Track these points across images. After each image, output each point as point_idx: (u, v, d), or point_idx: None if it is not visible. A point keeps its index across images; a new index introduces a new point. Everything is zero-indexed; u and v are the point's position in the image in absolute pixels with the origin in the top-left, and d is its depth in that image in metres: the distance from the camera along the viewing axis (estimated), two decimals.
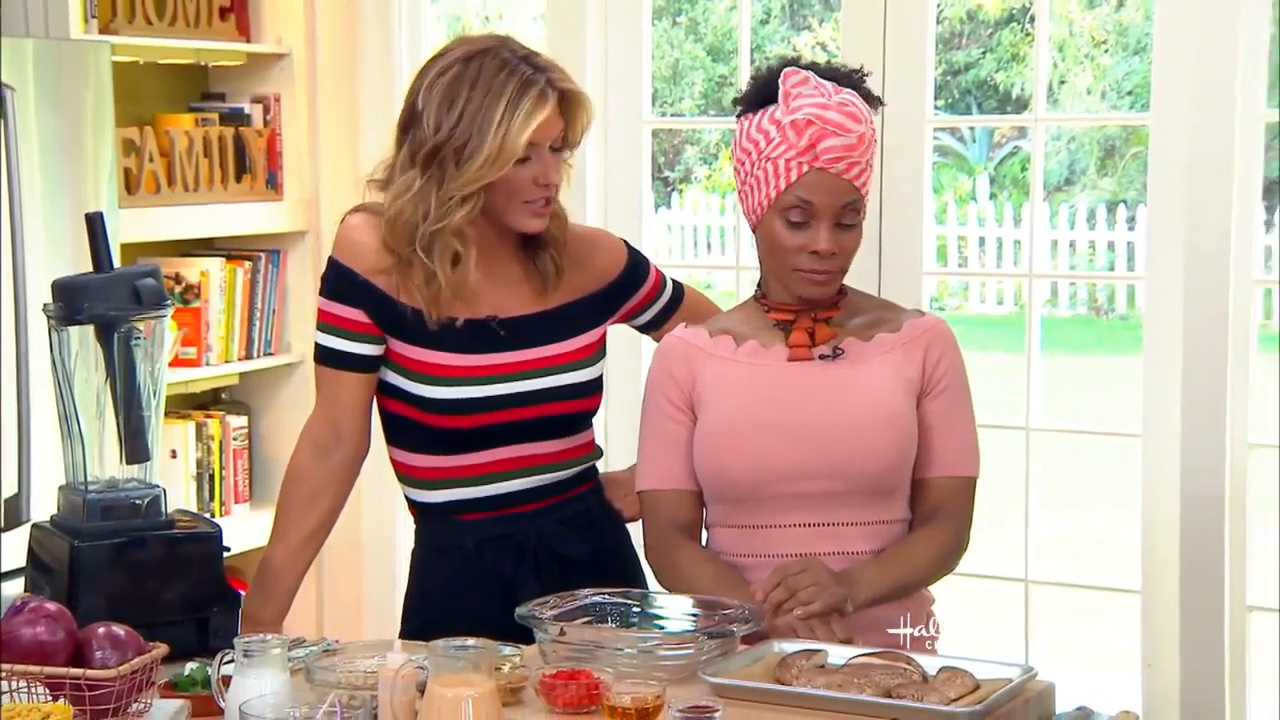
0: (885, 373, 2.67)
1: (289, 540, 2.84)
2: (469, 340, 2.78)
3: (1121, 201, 13.55)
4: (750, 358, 2.70)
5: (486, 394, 2.77)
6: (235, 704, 2.23)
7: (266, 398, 4.84)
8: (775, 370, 2.68)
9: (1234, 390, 3.90)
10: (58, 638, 2.31)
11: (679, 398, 2.72)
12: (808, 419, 2.63)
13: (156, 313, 2.67)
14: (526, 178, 2.71)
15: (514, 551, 2.82)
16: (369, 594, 4.72)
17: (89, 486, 2.66)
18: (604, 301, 2.92)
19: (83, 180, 3.89)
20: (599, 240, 2.98)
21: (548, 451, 2.84)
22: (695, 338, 2.76)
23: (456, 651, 2.15)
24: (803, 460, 2.62)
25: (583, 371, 2.85)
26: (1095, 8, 14.53)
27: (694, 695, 2.21)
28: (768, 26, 14.79)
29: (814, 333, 2.69)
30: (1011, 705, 2.22)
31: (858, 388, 2.66)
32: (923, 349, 2.70)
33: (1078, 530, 7.92)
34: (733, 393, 2.68)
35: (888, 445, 2.63)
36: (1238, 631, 3.96)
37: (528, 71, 2.70)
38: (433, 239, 2.71)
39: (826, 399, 2.65)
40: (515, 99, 2.67)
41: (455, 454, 2.80)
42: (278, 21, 4.71)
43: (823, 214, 2.62)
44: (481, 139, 2.67)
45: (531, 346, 2.81)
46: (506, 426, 2.79)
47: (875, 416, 2.64)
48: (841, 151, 2.60)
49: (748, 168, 2.67)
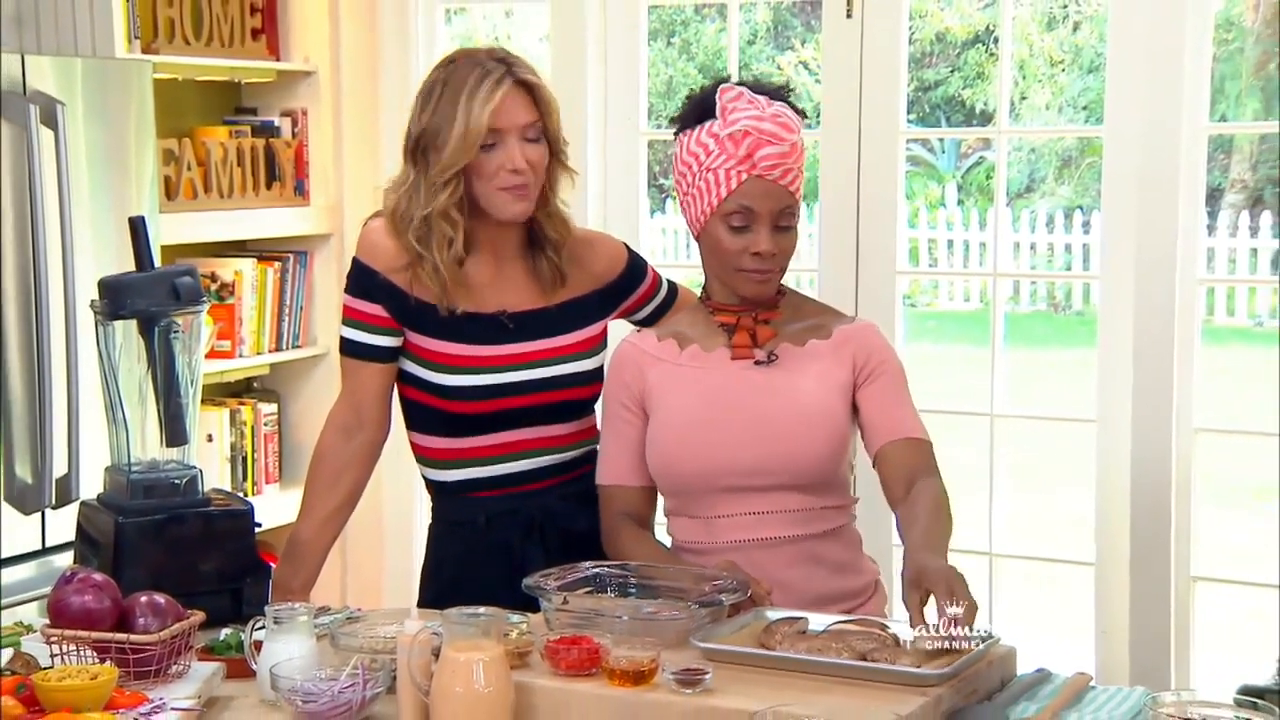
0: (816, 376, 2.65)
1: (315, 516, 2.84)
2: (480, 332, 2.78)
3: (1078, 207, 13.53)
4: (693, 361, 2.70)
5: (496, 381, 2.77)
6: (266, 666, 2.23)
7: (295, 386, 4.84)
8: (716, 373, 2.68)
9: (1180, 380, 3.91)
10: (104, 605, 2.31)
11: (630, 400, 2.72)
12: (745, 420, 2.63)
13: (194, 309, 2.67)
14: (495, 163, 2.70)
15: (522, 526, 2.82)
16: (389, 566, 4.72)
17: (132, 468, 2.66)
18: (605, 298, 2.92)
19: (126, 187, 3.88)
20: (601, 243, 2.98)
21: (553, 434, 2.84)
22: (644, 343, 2.76)
23: (468, 619, 2.15)
24: (741, 458, 2.61)
25: (584, 362, 2.85)
26: (1053, 30, 14.51)
27: (686, 659, 2.21)
28: (754, 47, 14.76)
29: (755, 334, 2.69)
30: (976, 668, 2.22)
31: (791, 390, 2.64)
32: (850, 352, 2.67)
33: (1037, 508, 7.91)
34: (678, 395, 2.68)
35: (817, 442, 2.62)
36: (1183, 600, 3.96)
37: (490, 65, 2.72)
38: (426, 227, 2.72)
39: (762, 401, 2.64)
40: (474, 87, 2.69)
41: (468, 436, 2.80)
42: (305, 42, 4.70)
43: (762, 218, 2.61)
44: (450, 126, 2.69)
45: (537, 338, 2.81)
46: (515, 411, 2.79)
47: (806, 417, 2.62)
48: (777, 159, 2.60)
49: (689, 180, 2.65)
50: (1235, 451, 7.61)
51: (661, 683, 2.16)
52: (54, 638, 2.29)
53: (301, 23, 4.70)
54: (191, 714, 2.18)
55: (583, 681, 2.18)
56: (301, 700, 2.16)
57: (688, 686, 2.13)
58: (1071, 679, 2.28)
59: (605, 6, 4.46)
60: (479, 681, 2.09)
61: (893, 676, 2.16)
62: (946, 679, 2.15)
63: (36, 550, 3.66)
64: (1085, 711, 2.17)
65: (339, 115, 4.71)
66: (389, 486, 4.46)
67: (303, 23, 4.70)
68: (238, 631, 2.41)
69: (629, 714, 2.13)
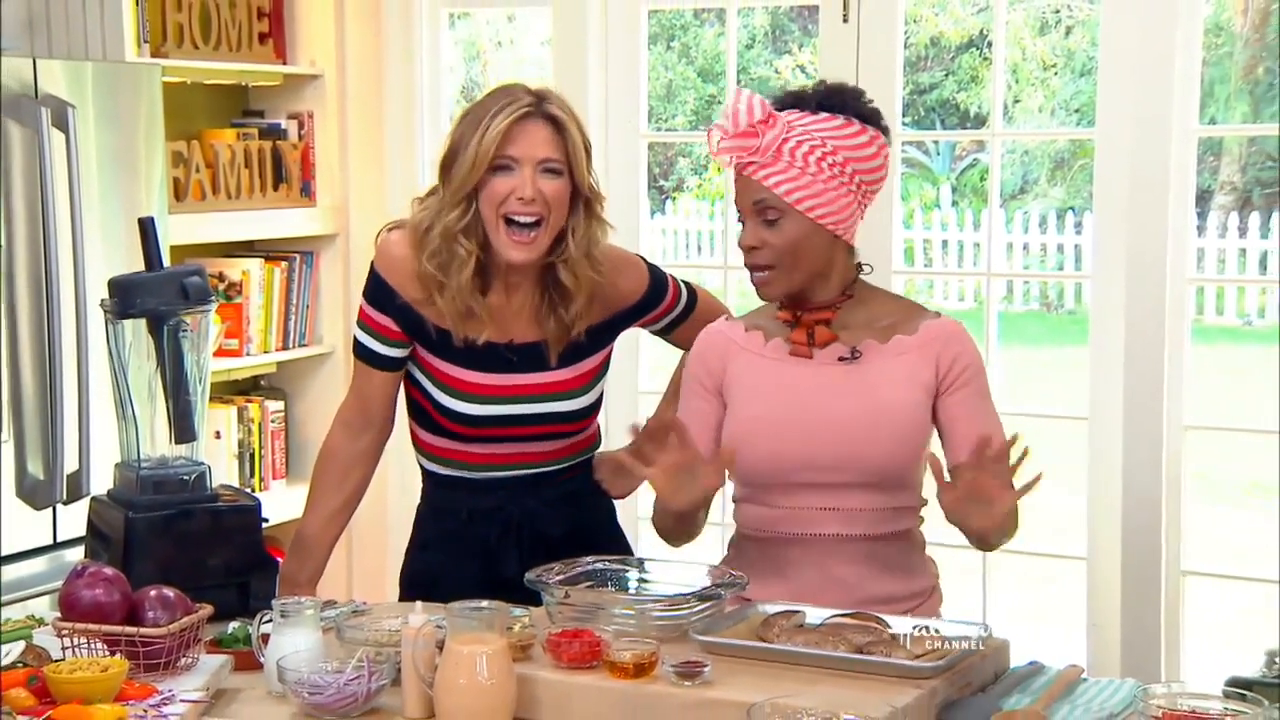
0: (900, 374, 2.58)
1: (322, 512, 2.84)
2: (482, 359, 2.74)
3: (1070, 208, 13.53)
4: (776, 354, 2.64)
5: (491, 412, 2.75)
6: (273, 659, 2.23)
7: (301, 384, 4.84)
8: (798, 367, 2.61)
9: (1170, 378, 3.90)
10: (114, 599, 2.31)
11: (710, 383, 2.66)
12: (824, 417, 2.56)
13: (202, 308, 2.67)
14: (506, 187, 2.65)
15: (500, 525, 2.81)
16: (394, 561, 4.69)
17: (142, 464, 2.67)
18: (622, 320, 2.87)
19: (136, 188, 3.88)
20: (623, 265, 2.85)
21: (543, 450, 2.82)
22: (732, 331, 2.69)
23: (472, 613, 2.15)
24: (815, 453, 2.55)
25: (571, 401, 2.79)
26: (1046, 34, 14.51)
27: (685, 652, 2.21)
28: (752, 51, 14.76)
29: (813, 332, 2.62)
30: (970, 661, 2.22)
31: (873, 387, 2.57)
32: (936, 351, 2.59)
33: (1030, 504, 7.90)
34: (759, 386, 2.62)
35: (894, 443, 2.56)
36: (1173, 595, 3.96)
37: (522, 95, 2.69)
38: (440, 244, 2.69)
39: (842, 398, 2.57)
40: (497, 111, 2.66)
41: (463, 444, 2.80)
42: (311, 46, 4.70)
43: (746, 213, 2.58)
44: (467, 144, 2.66)
45: (537, 371, 2.76)
46: (506, 435, 2.78)
47: (885, 417, 2.56)
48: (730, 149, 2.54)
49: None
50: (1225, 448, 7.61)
51: (661, 675, 2.16)
52: (65, 631, 2.29)
53: (307, 27, 4.70)
54: (200, 705, 2.18)
55: (584, 674, 2.18)
56: (308, 692, 2.16)
57: (687, 679, 2.13)
58: (1064, 671, 2.28)
59: (606, 11, 4.46)
60: (482, 673, 2.09)
61: (888, 669, 2.16)
62: (941, 672, 2.15)
63: (48, 545, 3.66)
64: (1077, 703, 2.17)
65: (344, 118, 4.71)
66: (394, 482, 4.46)
67: (309, 27, 4.70)
68: (245, 625, 2.41)
69: (629, 706, 2.13)
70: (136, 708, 2.13)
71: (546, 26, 4.69)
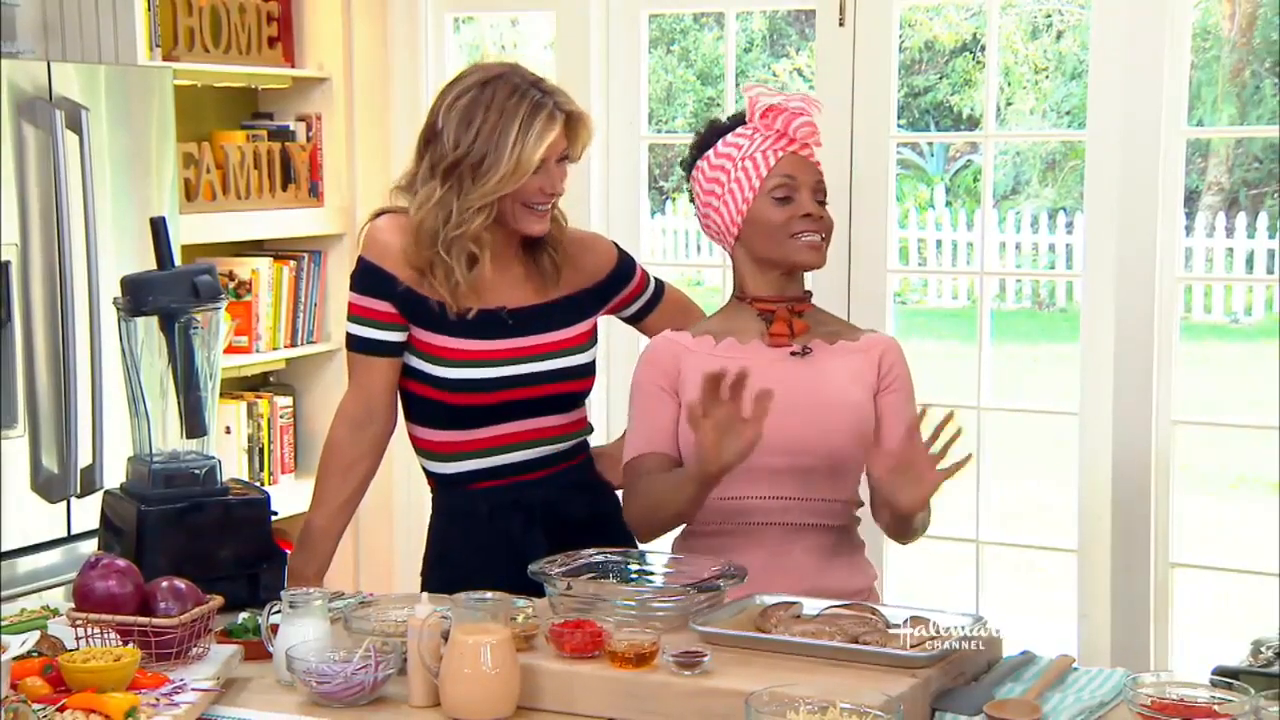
0: (846, 372, 2.67)
1: (328, 506, 2.84)
2: (481, 328, 2.77)
3: (1061, 209, 13.52)
4: (727, 351, 2.68)
5: (496, 375, 2.77)
6: (282, 649, 2.23)
7: (309, 380, 4.84)
8: (751, 360, 2.62)
9: (1159, 374, 3.91)
10: (127, 590, 2.31)
11: (666, 383, 2.68)
12: (778, 403, 2.55)
13: (212, 305, 2.66)
14: (535, 187, 2.72)
15: (522, 515, 2.81)
16: (399, 552, 4.72)
17: (154, 458, 2.66)
18: (596, 295, 2.91)
19: (148, 189, 3.88)
20: (593, 243, 2.97)
21: (549, 425, 2.83)
22: (680, 338, 2.73)
23: (476, 603, 2.15)
24: (769, 437, 2.55)
25: (578, 356, 2.84)
26: (1038, 38, 14.50)
27: (685, 642, 2.21)
28: (750, 54, 14.75)
29: (792, 324, 2.68)
30: (964, 651, 2.21)
31: (823, 380, 2.65)
32: (878, 356, 2.70)
33: (1022, 497, 7.92)
34: None
35: (845, 428, 2.62)
36: (1162, 586, 3.97)
37: (537, 95, 2.70)
38: (452, 243, 2.71)
39: (796, 386, 2.62)
40: (528, 121, 2.68)
41: (468, 429, 2.80)
42: (319, 50, 4.70)
43: (803, 187, 2.64)
44: (498, 157, 2.67)
45: (535, 333, 2.80)
46: (513, 404, 2.79)
47: (836, 404, 2.63)
48: (810, 129, 2.65)
49: (726, 181, 2.65)
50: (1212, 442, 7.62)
51: (662, 664, 2.16)
52: (79, 621, 2.29)
53: (316, 31, 4.70)
54: (211, 694, 2.18)
55: (586, 663, 2.18)
56: (316, 681, 2.16)
57: (687, 668, 2.13)
58: (1055, 661, 2.28)
59: (608, 16, 4.46)
60: (486, 663, 2.09)
61: (883, 659, 2.16)
62: (935, 661, 2.15)
63: (62, 537, 3.66)
64: (1068, 692, 2.17)
65: (351, 120, 4.71)
66: (399, 475, 4.46)
67: (317, 31, 4.70)
68: (255, 615, 2.41)
69: (630, 694, 2.13)
70: (149, 696, 2.13)
71: (549, 30, 4.69)
